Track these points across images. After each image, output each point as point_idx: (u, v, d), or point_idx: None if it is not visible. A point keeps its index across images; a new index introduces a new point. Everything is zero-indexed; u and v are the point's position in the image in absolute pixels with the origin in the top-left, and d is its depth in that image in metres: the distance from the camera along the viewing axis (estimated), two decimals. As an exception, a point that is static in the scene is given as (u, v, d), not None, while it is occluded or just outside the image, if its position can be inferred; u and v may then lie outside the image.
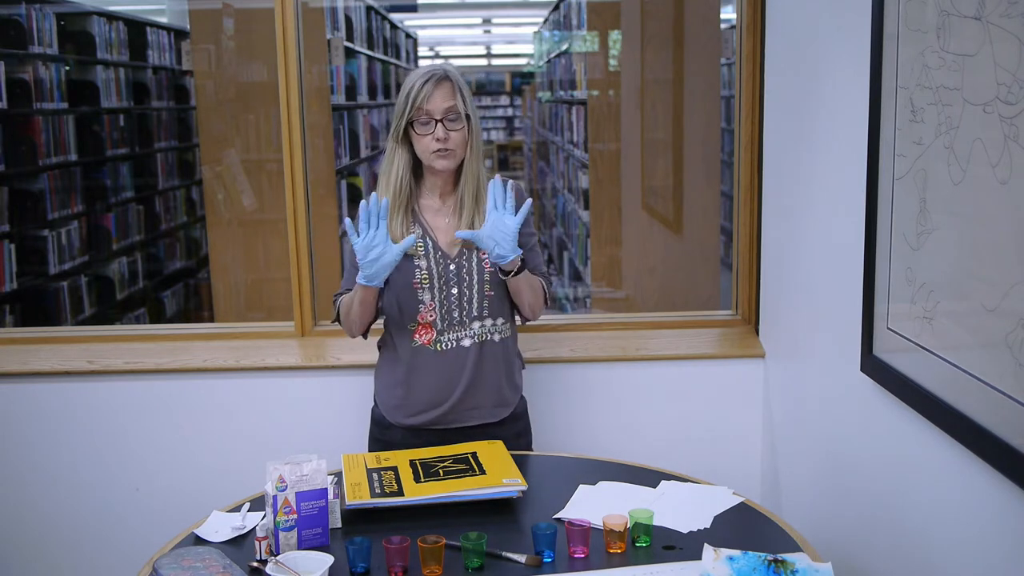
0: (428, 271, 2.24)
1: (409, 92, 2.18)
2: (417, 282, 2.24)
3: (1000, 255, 1.38)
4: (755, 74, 2.85)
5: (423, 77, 2.18)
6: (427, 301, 2.25)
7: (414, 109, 2.18)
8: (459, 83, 2.21)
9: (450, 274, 2.25)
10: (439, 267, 2.25)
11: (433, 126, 2.18)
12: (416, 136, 2.21)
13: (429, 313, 2.26)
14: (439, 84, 2.18)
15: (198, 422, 2.84)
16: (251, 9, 4.21)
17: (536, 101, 9.48)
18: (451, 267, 2.25)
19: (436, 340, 2.27)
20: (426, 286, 2.25)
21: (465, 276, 2.26)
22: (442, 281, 2.25)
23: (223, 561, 1.75)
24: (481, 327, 2.28)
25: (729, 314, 3.08)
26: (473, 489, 1.99)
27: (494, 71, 16.10)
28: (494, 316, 2.30)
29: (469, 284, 2.26)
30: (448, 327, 2.27)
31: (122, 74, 5.60)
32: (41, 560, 2.89)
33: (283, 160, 2.92)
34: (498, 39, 14.43)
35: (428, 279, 2.24)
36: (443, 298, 2.25)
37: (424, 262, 2.25)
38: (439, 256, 2.25)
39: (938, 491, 1.66)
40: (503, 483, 2.00)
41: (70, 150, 5.14)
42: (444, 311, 2.26)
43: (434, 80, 2.17)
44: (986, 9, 1.39)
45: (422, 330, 2.27)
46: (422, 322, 2.27)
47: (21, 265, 4.76)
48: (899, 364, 1.76)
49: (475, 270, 2.26)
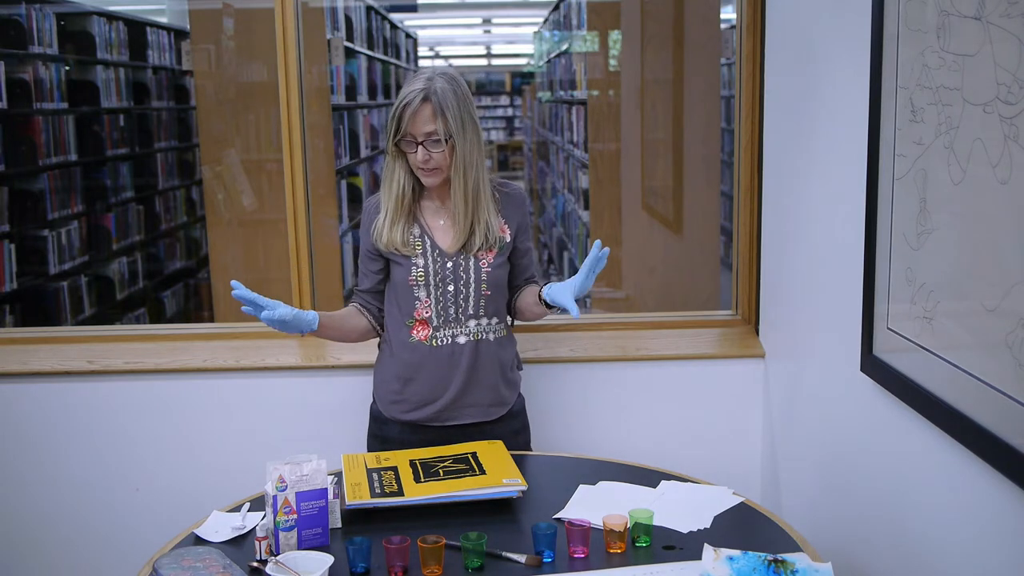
0: (424, 269, 2.27)
1: (394, 113, 2.19)
2: (413, 279, 2.28)
3: (1000, 255, 1.38)
4: (755, 74, 2.85)
5: (406, 99, 2.16)
6: (423, 298, 2.28)
7: (397, 132, 2.20)
8: (443, 103, 2.16)
9: (447, 272, 2.27)
10: (436, 265, 2.27)
11: (414, 147, 2.19)
12: (405, 152, 2.24)
13: (425, 309, 2.29)
14: (420, 107, 2.15)
15: (198, 422, 2.84)
16: (251, 9, 4.21)
17: (536, 101, 9.49)
18: (448, 265, 2.28)
19: (432, 336, 2.29)
20: (421, 283, 2.27)
21: (462, 275, 2.28)
22: (438, 279, 2.27)
23: (223, 561, 1.75)
24: (477, 325, 2.31)
25: (729, 314, 3.08)
26: (473, 489, 1.99)
27: (494, 71, 16.12)
28: (489, 316, 2.33)
29: (466, 283, 2.28)
30: (444, 323, 2.29)
31: (122, 74, 5.60)
32: (41, 560, 2.89)
33: (283, 160, 2.92)
34: (498, 39, 14.44)
35: (424, 276, 2.27)
36: (439, 295, 2.28)
37: (421, 260, 2.27)
38: (436, 254, 2.28)
39: (938, 491, 1.66)
40: (503, 483, 2.00)
41: (70, 150, 5.14)
42: (440, 307, 2.28)
43: (416, 103, 2.15)
44: (986, 9, 1.39)
45: (419, 326, 2.30)
46: (418, 318, 2.30)
47: (21, 265, 4.76)
48: (899, 364, 1.76)
49: (472, 269, 2.28)
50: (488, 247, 2.29)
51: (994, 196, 1.39)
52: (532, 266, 2.44)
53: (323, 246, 3.84)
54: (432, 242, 2.28)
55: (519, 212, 2.38)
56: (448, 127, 2.17)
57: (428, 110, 2.16)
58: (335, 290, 4.42)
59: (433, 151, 2.18)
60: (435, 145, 2.18)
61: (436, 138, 2.17)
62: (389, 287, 2.35)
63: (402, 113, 2.17)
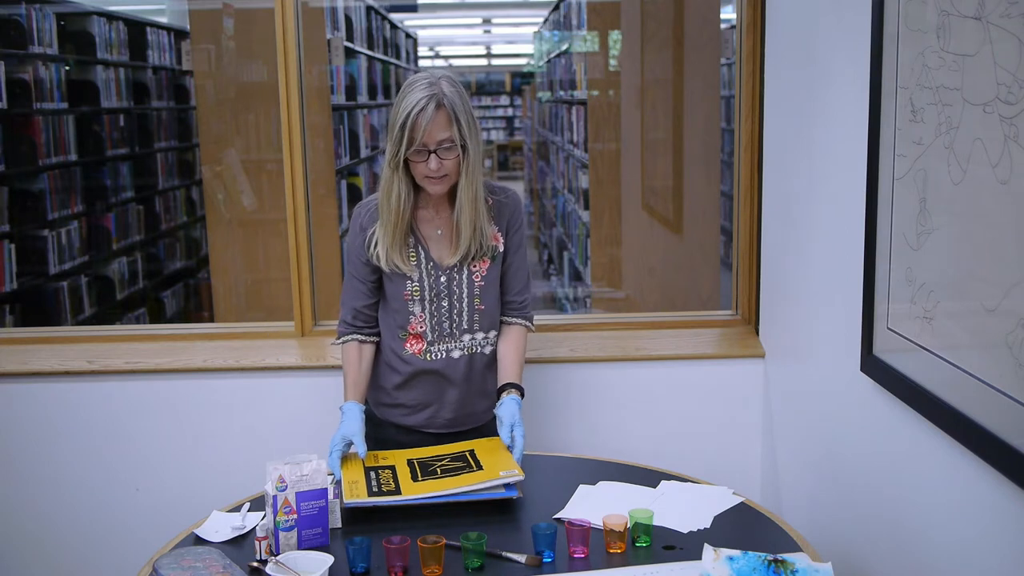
0: (420, 283, 2.22)
1: (404, 122, 2.06)
2: (408, 294, 2.22)
3: (1000, 255, 1.38)
4: (755, 74, 2.85)
5: (418, 106, 2.05)
6: (417, 313, 2.24)
7: (409, 143, 2.08)
8: (455, 108, 2.08)
9: (441, 287, 2.23)
10: (430, 279, 2.22)
11: (426, 156, 2.10)
12: (411, 162, 2.13)
13: (419, 324, 2.24)
14: (435, 114, 2.06)
15: (198, 422, 2.84)
16: (251, 9, 4.22)
17: (536, 101, 9.48)
18: (442, 279, 2.23)
19: (426, 351, 2.25)
20: (416, 298, 2.23)
21: (455, 289, 2.23)
22: (432, 293, 2.22)
23: (223, 561, 1.75)
24: (471, 340, 2.27)
25: (729, 314, 3.08)
26: (471, 484, 1.98)
27: (494, 71, 16.12)
28: (485, 329, 2.28)
29: (459, 297, 2.24)
30: (438, 338, 2.25)
31: (122, 74, 5.60)
32: (41, 560, 2.89)
33: (283, 160, 2.92)
34: (498, 39, 14.43)
35: (419, 291, 2.22)
36: (433, 310, 2.23)
37: (416, 274, 2.22)
38: (431, 267, 2.22)
39: (938, 491, 1.66)
40: (500, 475, 1.99)
41: (70, 150, 5.14)
42: (434, 323, 2.24)
43: (431, 110, 2.06)
44: (986, 9, 1.39)
45: (412, 340, 2.26)
46: (412, 332, 2.25)
47: (21, 265, 4.75)
48: (899, 364, 1.76)
49: (465, 283, 2.24)
50: (481, 256, 2.23)
51: (994, 196, 1.39)
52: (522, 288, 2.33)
53: (323, 246, 3.83)
54: (427, 254, 2.22)
55: (513, 221, 2.28)
56: (462, 132, 2.10)
57: (443, 116, 2.07)
58: (335, 290, 4.42)
59: (446, 158, 2.10)
60: (448, 152, 2.10)
61: (448, 145, 2.09)
62: (382, 296, 2.28)
63: (415, 121, 2.05)
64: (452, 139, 2.09)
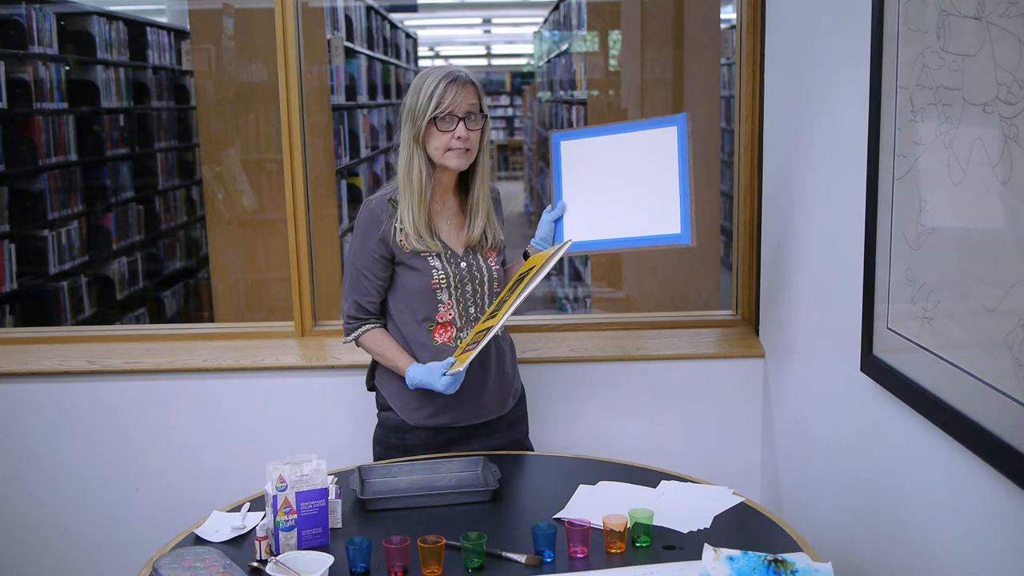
0: (444, 271, 2.25)
1: (433, 92, 2.17)
2: (436, 283, 2.25)
3: (1000, 255, 1.38)
4: (755, 74, 2.85)
5: (446, 78, 2.17)
6: (445, 300, 2.27)
7: (438, 108, 2.17)
8: (477, 85, 2.24)
9: (462, 272, 2.27)
10: (451, 266, 2.26)
11: (455, 123, 2.18)
12: (435, 133, 2.18)
13: (448, 312, 2.27)
14: (464, 85, 2.19)
15: (198, 422, 2.84)
16: (251, 9, 4.21)
17: (536, 101, 9.48)
18: (462, 265, 2.28)
19: (456, 337, 2.28)
20: (443, 286, 2.26)
21: (476, 274, 2.29)
22: (457, 279, 2.27)
23: (223, 561, 1.75)
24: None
25: (729, 314, 3.08)
26: (532, 280, 2.13)
27: (494, 71, 16.12)
28: None
29: (481, 281, 2.29)
30: (466, 324, 2.29)
31: (122, 74, 5.60)
32: (42, 560, 2.89)
33: (283, 160, 2.92)
34: (498, 39, 14.44)
35: (445, 279, 2.25)
36: (459, 296, 2.28)
37: (438, 262, 2.25)
38: (449, 255, 2.27)
39: (938, 491, 1.67)
40: (549, 255, 2.17)
41: (70, 150, 5.14)
42: (461, 308, 2.28)
43: (459, 81, 2.18)
44: (986, 9, 1.39)
45: (440, 329, 2.28)
46: (440, 321, 2.28)
47: (21, 265, 4.75)
48: (899, 364, 1.76)
49: (484, 268, 2.30)
50: (491, 246, 2.32)
51: (994, 196, 1.39)
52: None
53: (323, 246, 3.83)
54: (443, 243, 2.27)
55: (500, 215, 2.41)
56: (484, 104, 2.23)
57: (470, 88, 2.20)
58: (335, 290, 4.41)
59: (473, 127, 2.20)
60: (475, 122, 2.20)
61: (475, 116, 2.20)
62: (394, 292, 2.30)
63: (446, 89, 2.16)
64: (479, 108, 2.21)
